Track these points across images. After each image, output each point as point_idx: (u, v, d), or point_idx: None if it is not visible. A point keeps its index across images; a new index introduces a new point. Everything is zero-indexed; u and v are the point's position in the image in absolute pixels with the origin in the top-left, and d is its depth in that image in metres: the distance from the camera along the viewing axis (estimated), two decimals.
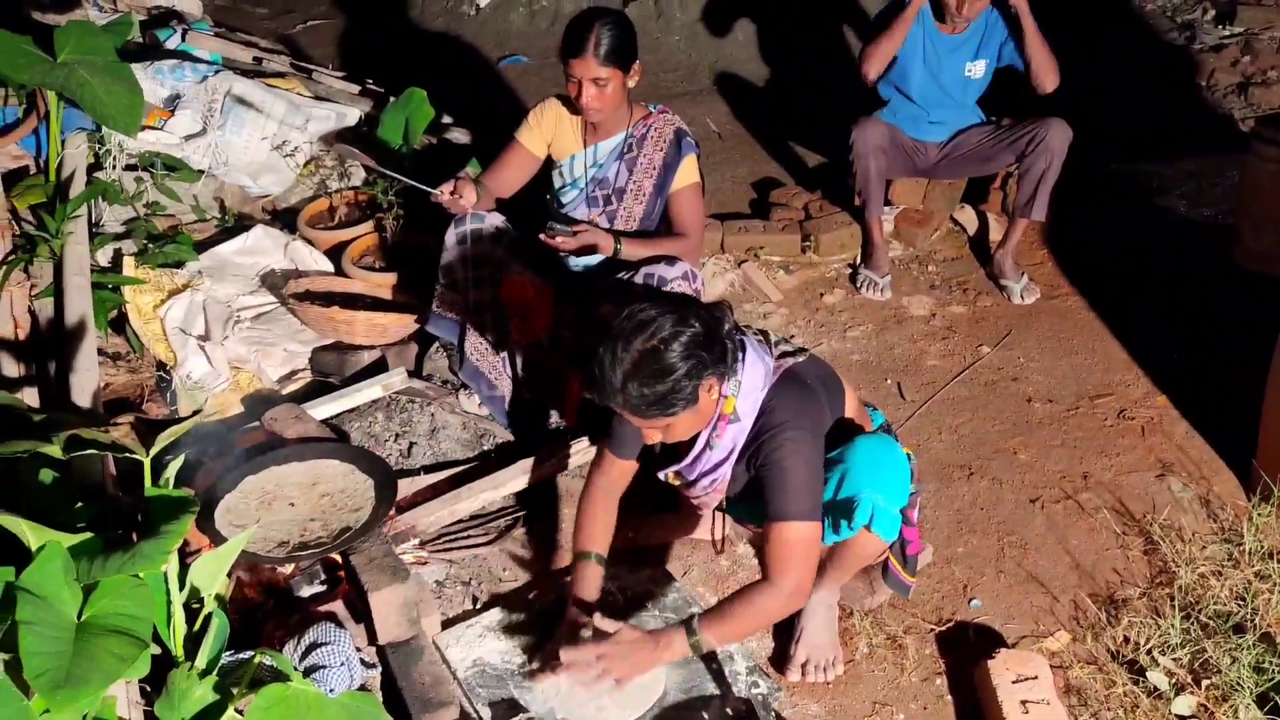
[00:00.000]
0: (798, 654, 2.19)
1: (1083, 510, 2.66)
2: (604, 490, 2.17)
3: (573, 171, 2.78)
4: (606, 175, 2.75)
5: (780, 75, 5.11)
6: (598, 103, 2.60)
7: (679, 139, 2.72)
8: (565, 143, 2.78)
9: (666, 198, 2.73)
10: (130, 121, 2.99)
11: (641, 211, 2.75)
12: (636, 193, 2.74)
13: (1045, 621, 2.36)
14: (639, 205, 2.75)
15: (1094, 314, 3.42)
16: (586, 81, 2.56)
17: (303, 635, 1.92)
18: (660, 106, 2.79)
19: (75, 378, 2.43)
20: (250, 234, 3.17)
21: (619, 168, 2.73)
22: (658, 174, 2.72)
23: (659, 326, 1.83)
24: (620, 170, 2.73)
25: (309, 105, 3.69)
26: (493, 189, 2.77)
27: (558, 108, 2.77)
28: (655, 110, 2.76)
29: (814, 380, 2.02)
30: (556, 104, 2.77)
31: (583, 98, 2.59)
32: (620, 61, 2.57)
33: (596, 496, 2.17)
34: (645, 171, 2.73)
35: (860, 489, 1.95)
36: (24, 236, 2.87)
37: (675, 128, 2.74)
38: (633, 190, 2.74)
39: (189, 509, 1.71)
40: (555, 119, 2.77)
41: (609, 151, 2.74)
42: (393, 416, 2.73)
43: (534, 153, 2.79)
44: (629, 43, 2.59)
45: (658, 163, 2.72)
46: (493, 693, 2.06)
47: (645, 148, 2.72)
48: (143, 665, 1.65)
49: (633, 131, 2.72)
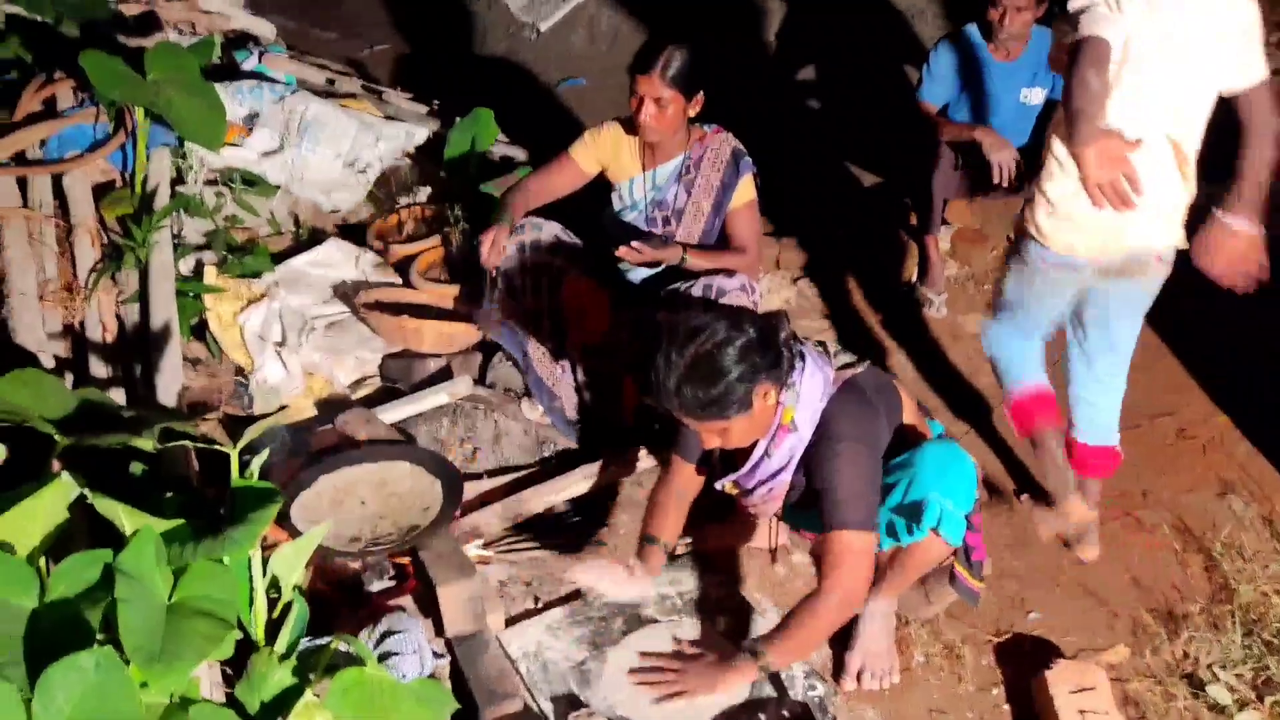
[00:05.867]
0: (853, 661, 2.21)
1: (1142, 527, 2.65)
2: (675, 492, 2.25)
3: (632, 194, 2.85)
4: (665, 198, 2.80)
5: (838, 97, 5.15)
6: (655, 123, 2.64)
7: (736, 160, 2.76)
8: (624, 166, 2.83)
9: (724, 216, 2.79)
10: (212, 137, 3.14)
11: (700, 231, 2.80)
12: (695, 213, 2.79)
13: (1104, 635, 2.36)
14: (698, 225, 2.80)
15: (1153, 331, 3.39)
16: (649, 99, 2.61)
17: (376, 624, 2.00)
18: (715, 126, 2.83)
19: (160, 378, 2.54)
20: (323, 247, 3.29)
21: (677, 190, 2.79)
22: (715, 194, 2.77)
23: (713, 331, 1.89)
24: (679, 192, 2.79)
25: (380, 124, 3.82)
26: (533, 192, 2.83)
27: (617, 131, 2.83)
28: (711, 130, 2.80)
29: (873, 391, 2.06)
30: (616, 127, 2.83)
31: (642, 115, 2.64)
32: (684, 86, 2.61)
33: (668, 495, 2.25)
34: (704, 192, 2.78)
35: (928, 492, 1.98)
36: (112, 246, 3.01)
37: (732, 147, 2.78)
38: (691, 211, 2.79)
39: (273, 500, 1.80)
40: (613, 142, 2.82)
41: (668, 175, 2.80)
42: (458, 422, 2.82)
43: (584, 169, 2.84)
44: (697, 71, 2.63)
45: (715, 183, 2.77)
46: (554, 688, 2.12)
47: (703, 169, 2.77)
48: (228, 646, 1.73)
49: (690, 153, 2.77)
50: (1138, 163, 2.00)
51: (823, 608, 1.95)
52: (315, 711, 1.76)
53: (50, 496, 1.71)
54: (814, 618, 1.96)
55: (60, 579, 1.62)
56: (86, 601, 1.60)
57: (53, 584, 1.62)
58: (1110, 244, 2.21)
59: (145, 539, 1.70)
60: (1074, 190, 2.11)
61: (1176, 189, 2.18)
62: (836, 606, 1.95)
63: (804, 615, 1.97)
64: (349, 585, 2.26)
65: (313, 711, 1.76)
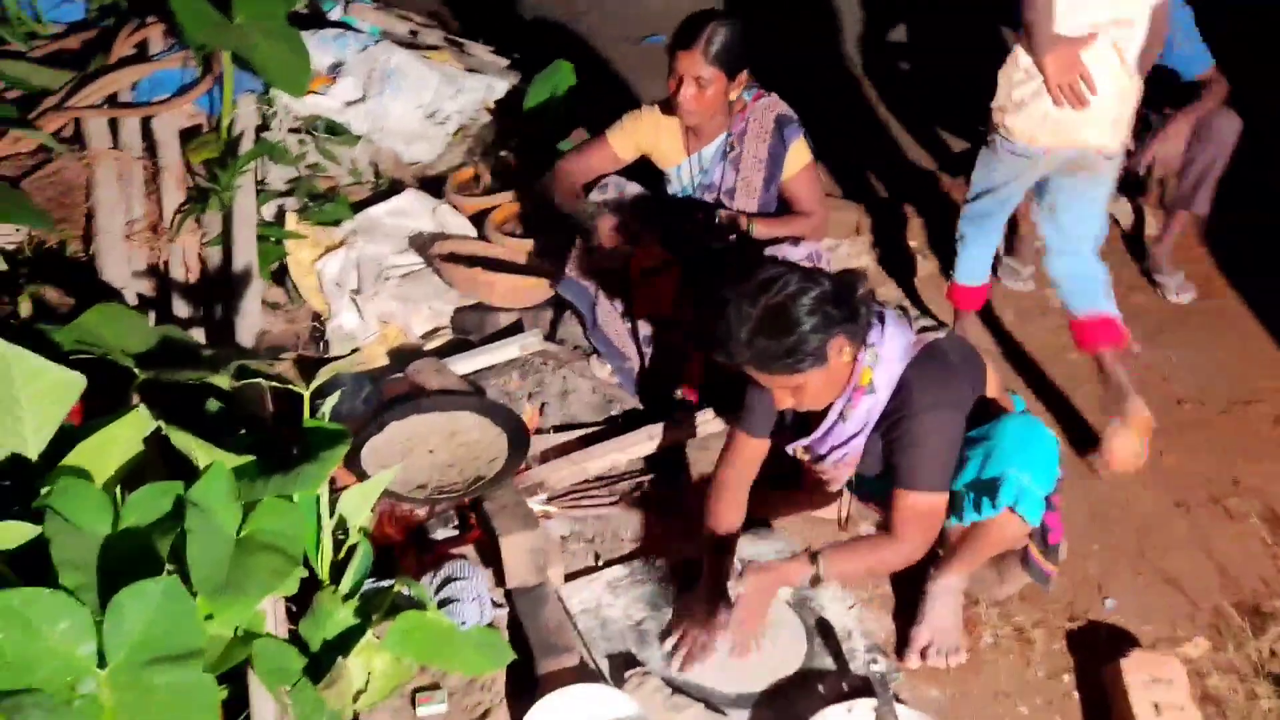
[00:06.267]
0: (919, 637, 2.15)
1: (1230, 516, 2.53)
2: (734, 482, 2.17)
3: (680, 180, 2.79)
4: (713, 179, 2.73)
5: (927, 60, 4.99)
6: (695, 104, 2.54)
7: (780, 127, 2.66)
8: (667, 153, 2.76)
9: (780, 185, 2.70)
10: (297, 83, 3.16)
11: (755, 207, 2.73)
12: (746, 189, 2.71)
13: (1183, 627, 2.26)
14: (751, 202, 2.73)
15: (1252, 316, 3.23)
16: (689, 78, 2.51)
17: (439, 569, 2.01)
18: (757, 90, 2.71)
19: (240, 320, 2.59)
20: (401, 197, 3.30)
21: (723, 169, 2.71)
22: (765, 167, 2.68)
23: (785, 283, 1.85)
24: (726, 171, 2.70)
25: (460, 76, 3.81)
26: (577, 174, 2.78)
27: (655, 116, 2.73)
28: (751, 98, 2.69)
29: (956, 356, 1.99)
30: (655, 111, 2.74)
31: (680, 95, 2.53)
32: (727, 65, 2.52)
33: (727, 487, 2.16)
34: (752, 167, 2.69)
35: (1006, 468, 1.91)
36: (197, 189, 3.07)
37: (775, 114, 2.67)
38: (742, 188, 2.71)
39: (343, 440, 1.81)
40: (654, 129, 2.73)
41: (712, 155, 2.72)
42: (527, 376, 2.81)
43: (620, 155, 2.76)
44: (740, 49, 2.53)
45: (763, 155, 2.67)
46: (611, 645, 2.11)
47: (747, 143, 2.67)
48: (293, 583, 1.76)
49: (732, 129, 2.68)
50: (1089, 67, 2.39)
51: (890, 552, 2.01)
52: (375, 651, 1.78)
53: (127, 427, 1.75)
54: (877, 556, 2.04)
55: (133, 508, 1.66)
56: (157, 531, 1.63)
57: (126, 513, 1.66)
58: (1065, 137, 2.53)
59: (217, 473, 1.73)
60: (1035, 90, 2.47)
61: (1120, 92, 2.49)
62: (903, 555, 2.00)
63: (871, 548, 2.05)
64: (414, 531, 2.28)
65: (373, 651, 1.78)
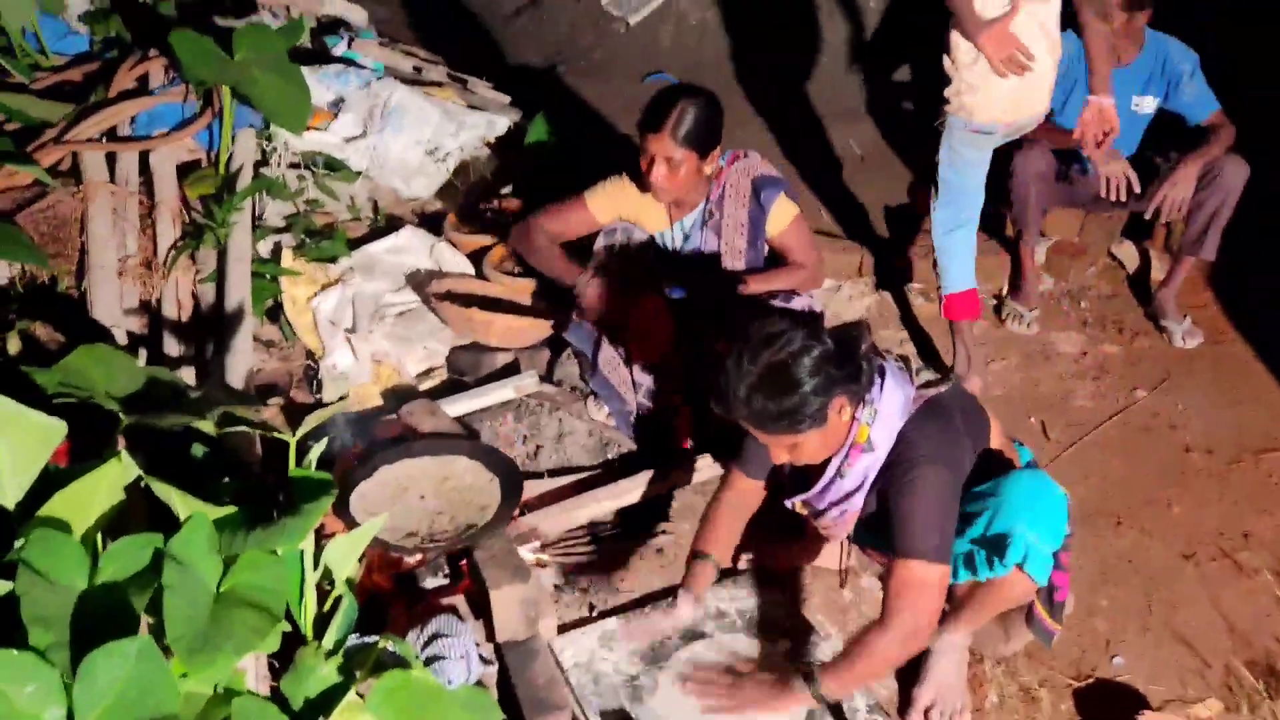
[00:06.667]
0: (922, 697, 2.08)
1: (1241, 571, 2.47)
2: (731, 505, 2.15)
3: (666, 245, 2.77)
4: (698, 247, 2.70)
5: (932, 97, 4.98)
6: (667, 183, 2.50)
7: (757, 191, 2.63)
8: (650, 220, 2.73)
9: (765, 243, 2.68)
10: (296, 120, 3.14)
11: (743, 267, 2.70)
12: (731, 253, 2.68)
13: (1194, 686, 2.20)
14: (738, 263, 2.70)
15: (1262, 363, 3.19)
16: (659, 159, 2.47)
17: (426, 624, 1.95)
18: (731, 153, 2.68)
19: (231, 359, 2.55)
20: (400, 234, 3.27)
21: (705, 235, 2.68)
22: (747, 231, 2.65)
23: (788, 340, 1.79)
24: (708, 238, 2.68)
25: (462, 113, 3.79)
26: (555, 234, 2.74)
27: (635, 187, 2.68)
28: (726, 162, 2.65)
29: (956, 412, 1.94)
30: (633, 184, 2.69)
31: (653, 175, 2.49)
32: (698, 145, 2.47)
33: (723, 509, 2.15)
34: (734, 230, 2.66)
35: (1014, 524, 1.86)
36: (193, 224, 3.03)
37: (752, 179, 2.64)
38: (727, 251, 2.68)
39: (328, 492, 1.76)
40: (635, 198, 2.68)
41: (693, 224, 2.70)
42: (522, 418, 2.77)
43: (598, 220, 2.72)
44: (712, 127, 2.49)
45: (743, 219, 2.64)
46: (605, 702, 2.05)
47: (726, 208, 2.65)
48: (274, 640, 1.69)
49: (710, 197, 2.65)
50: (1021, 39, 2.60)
51: (884, 641, 1.85)
52: (358, 712, 1.72)
53: (108, 475, 1.69)
54: (873, 650, 1.86)
55: (111, 560, 1.60)
56: (134, 586, 1.57)
57: (103, 565, 1.60)
58: (1023, 110, 2.76)
59: (197, 525, 1.67)
60: (986, 70, 2.66)
61: (1053, 60, 2.72)
62: (899, 641, 1.84)
63: (864, 646, 1.87)
64: (403, 580, 2.23)
65: (355, 712, 1.71)
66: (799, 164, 4.36)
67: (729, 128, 2.63)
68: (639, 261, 2.66)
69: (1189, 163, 3.13)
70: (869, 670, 1.90)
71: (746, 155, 2.71)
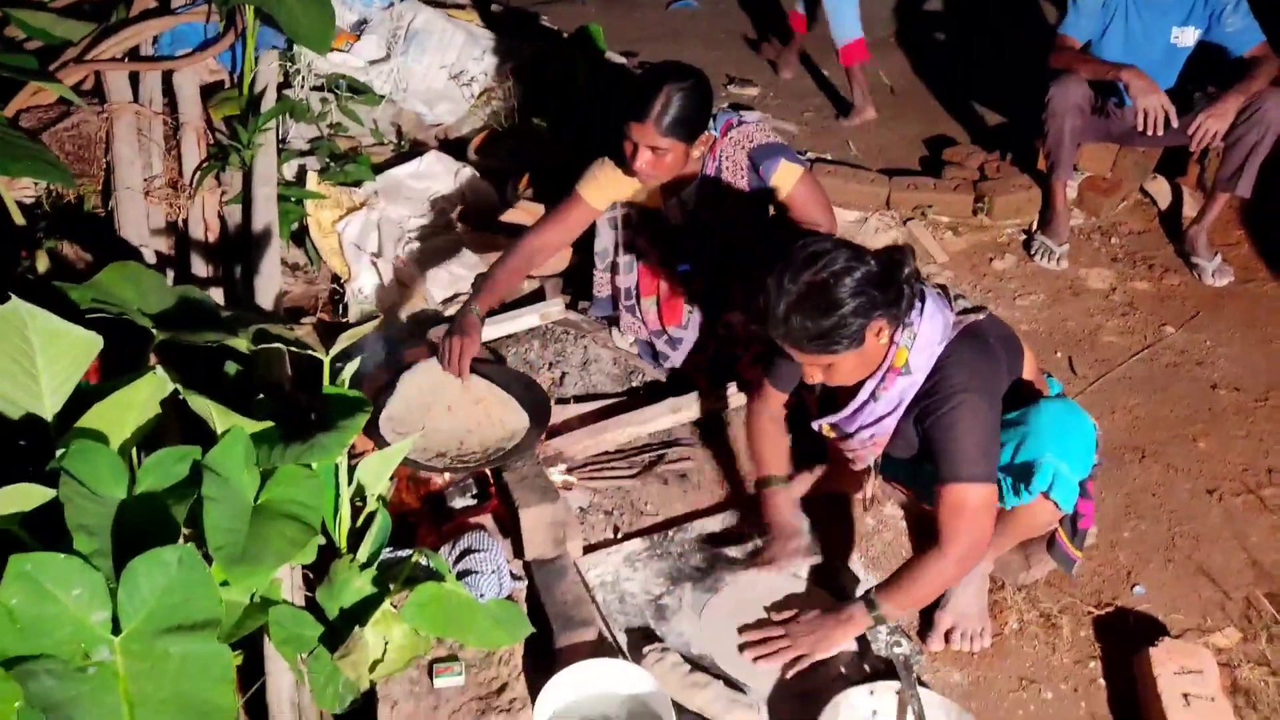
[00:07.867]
0: (943, 620, 2.11)
1: (1265, 507, 2.47)
2: (770, 417, 2.19)
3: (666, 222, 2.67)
4: (699, 222, 2.59)
5: (965, 30, 4.87)
6: (652, 169, 2.37)
7: (755, 165, 2.47)
8: (642, 199, 2.62)
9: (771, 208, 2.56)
10: (321, 40, 3.10)
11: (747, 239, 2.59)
12: (735, 227, 2.57)
13: (1214, 616, 2.21)
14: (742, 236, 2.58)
15: None
16: (643, 147, 2.33)
17: (458, 540, 1.98)
18: (726, 119, 2.50)
19: (259, 281, 2.55)
20: (423, 159, 3.25)
21: (705, 210, 2.56)
22: (748, 203, 2.53)
23: (831, 260, 1.77)
24: (708, 212, 2.56)
25: (486, 36, 3.74)
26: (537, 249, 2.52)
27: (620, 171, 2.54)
28: (719, 132, 2.48)
29: (995, 340, 1.93)
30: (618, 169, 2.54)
31: (637, 162, 2.35)
32: (684, 133, 2.32)
33: (764, 423, 2.19)
34: (734, 203, 2.53)
35: (1043, 453, 1.85)
36: (217, 146, 3.02)
37: (748, 150, 2.48)
38: (729, 225, 2.57)
39: (363, 409, 1.77)
40: (624, 180, 2.51)
41: (690, 198, 2.57)
42: (548, 345, 2.77)
43: (596, 207, 2.56)
44: (698, 114, 2.34)
45: (744, 190, 2.51)
46: (630, 620, 2.08)
47: (723, 181, 2.50)
48: (310, 551, 1.73)
49: (705, 171, 2.51)
50: None
51: (941, 568, 1.88)
52: (392, 622, 1.76)
53: (144, 390, 1.71)
54: (932, 571, 1.89)
55: (149, 472, 1.63)
56: (173, 496, 1.60)
57: (142, 477, 1.62)
58: None
59: (235, 439, 1.70)
60: None
61: None
62: (957, 561, 1.87)
63: (923, 569, 1.90)
64: (433, 500, 2.25)
65: (390, 621, 1.75)
66: (828, 94, 4.30)
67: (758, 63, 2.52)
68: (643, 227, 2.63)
69: (1231, 96, 3.06)
70: (929, 592, 1.94)
71: (741, 122, 2.53)
